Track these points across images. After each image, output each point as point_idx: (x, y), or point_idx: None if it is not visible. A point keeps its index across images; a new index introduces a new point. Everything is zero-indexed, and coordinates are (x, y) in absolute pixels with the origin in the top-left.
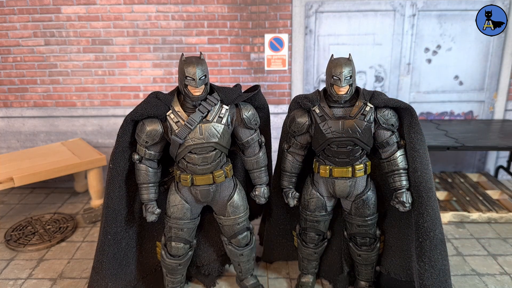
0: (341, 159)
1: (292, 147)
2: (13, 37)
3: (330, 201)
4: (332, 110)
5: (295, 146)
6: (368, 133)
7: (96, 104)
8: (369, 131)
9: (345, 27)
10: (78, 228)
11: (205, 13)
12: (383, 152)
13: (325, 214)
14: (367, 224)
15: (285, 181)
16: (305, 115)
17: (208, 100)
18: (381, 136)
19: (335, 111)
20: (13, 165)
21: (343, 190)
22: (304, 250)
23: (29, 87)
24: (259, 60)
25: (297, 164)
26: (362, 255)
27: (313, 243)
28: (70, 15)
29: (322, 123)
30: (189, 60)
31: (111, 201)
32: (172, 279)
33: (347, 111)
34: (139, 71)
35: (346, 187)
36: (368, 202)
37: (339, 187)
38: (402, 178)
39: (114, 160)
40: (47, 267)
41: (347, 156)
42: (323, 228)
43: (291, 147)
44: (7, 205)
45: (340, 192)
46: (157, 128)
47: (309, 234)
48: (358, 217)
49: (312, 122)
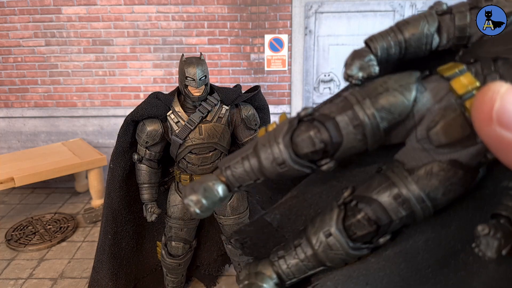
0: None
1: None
2: (13, 37)
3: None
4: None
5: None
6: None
7: (96, 104)
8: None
9: (344, 27)
10: (79, 228)
11: (205, 14)
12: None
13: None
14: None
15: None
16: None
17: (208, 101)
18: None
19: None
20: (14, 165)
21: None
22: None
23: (30, 87)
24: (259, 60)
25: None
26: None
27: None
28: (70, 16)
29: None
30: (189, 60)
31: (111, 201)
32: (172, 278)
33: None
34: (140, 72)
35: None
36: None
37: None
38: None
39: (114, 160)
40: (47, 267)
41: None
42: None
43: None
44: (7, 205)
45: None
46: (157, 128)
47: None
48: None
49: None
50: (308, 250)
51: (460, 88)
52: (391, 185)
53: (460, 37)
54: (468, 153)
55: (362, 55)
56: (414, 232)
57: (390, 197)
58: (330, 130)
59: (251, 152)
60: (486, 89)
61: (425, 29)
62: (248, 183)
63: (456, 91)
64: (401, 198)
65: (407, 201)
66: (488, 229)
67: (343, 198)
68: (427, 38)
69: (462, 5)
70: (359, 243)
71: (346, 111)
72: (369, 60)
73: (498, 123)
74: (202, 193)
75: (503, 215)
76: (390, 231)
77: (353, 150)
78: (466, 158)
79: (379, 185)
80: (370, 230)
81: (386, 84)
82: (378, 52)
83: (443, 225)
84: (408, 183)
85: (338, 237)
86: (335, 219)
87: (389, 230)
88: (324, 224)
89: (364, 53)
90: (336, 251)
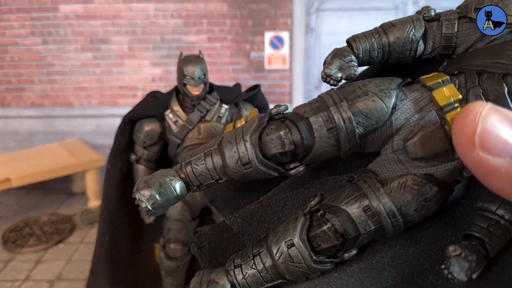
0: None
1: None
2: (10, 36)
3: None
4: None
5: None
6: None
7: (93, 103)
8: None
9: (346, 25)
10: (76, 230)
11: (204, 11)
12: None
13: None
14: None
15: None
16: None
17: (207, 100)
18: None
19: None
20: (10, 165)
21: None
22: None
23: (27, 86)
24: (259, 59)
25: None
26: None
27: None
28: (68, 14)
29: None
30: (188, 59)
31: (108, 202)
32: (171, 281)
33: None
34: (138, 70)
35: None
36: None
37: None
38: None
39: (111, 160)
40: (44, 268)
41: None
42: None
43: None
44: (4, 206)
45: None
46: (155, 128)
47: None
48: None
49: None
50: (268, 260)
51: (441, 99)
52: (362, 196)
53: (445, 46)
54: (444, 169)
55: (343, 55)
56: (382, 247)
57: (360, 208)
58: (302, 132)
59: (215, 149)
60: (468, 111)
61: (411, 34)
62: (209, 182)
63: (437, 102)
64: (371, 210)
65: (377, 214)
66: (460, 250)
67: (310, 207)
68: (412, 44)
69: (451, 13)
70: (323, 256)
71: (321, 112)
72: (350, 60)
73: (480, 147)
74: (157, 188)
75: (476, 236)
76: (357, 245)
77: (324, 155)
78: (442, 174)
79: (349, 196)
80: (336, 243)
81: (365, 87)
82: (360, 53)
83: (412, 241)
84: (380, 195)
85: (301, 248)
86: (299, 228)
87: (355, 244)
88: (287, 234)
89: (345, 53)
90: (297, 264)
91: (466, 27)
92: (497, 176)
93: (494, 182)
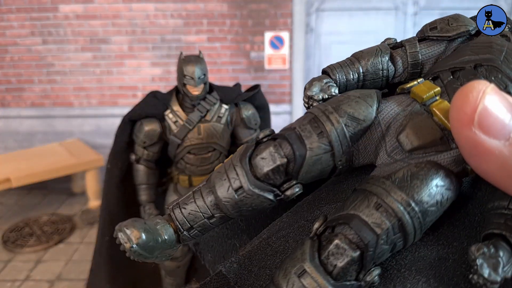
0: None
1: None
2: (10, 36)
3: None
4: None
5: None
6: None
7: (93, 103)
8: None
9: (346, 25)
10: (76, 230)
11: (204, 11)
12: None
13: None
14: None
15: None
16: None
17: (207, 100)
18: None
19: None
20: (10, 165)
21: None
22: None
23: (27, 86)
24: (259, 59)
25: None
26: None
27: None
28: (68, 14)
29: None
30: (188, 59)
31: (108, 202)
32: (171, 281)
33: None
34: (137, 70)
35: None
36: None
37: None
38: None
39: (111, 160)
40: (44, 268)
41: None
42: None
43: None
44: (4, 206)
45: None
46: (155, 128)
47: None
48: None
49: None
50: None
51: (422, 91)
52: (369, 194)
53: (413, 64)
54: (444, 158)
55: (321, 79)
56: (409, 272)
57: (370, 207)
58: (292, 141)
59: (203, 185)
60: (470, 87)
61: (379, 55)
62: (199, 222)
63: (419, 95)
64: (382, 206)
65: (390, 208)
66: (484, 247)
67: (315, 230)
68: (383, 65)
69: (411, 38)
70: (342, 280)
71: (308, 120)
72: (328, 82)
73: (478, 126)
74: (142, 226)
75: (495, 233)
76: (378, 258)
77: (319, 165)
78: (443, 162)
79: (354, 200)
80: (353, 256)
81: (346, 94)
82: (337, 78)
83: (440, 259)
84: (387, 187)
85: (315, 273)
86: (308, 252)
87: (376, 255)
88: (295, 261)
89: (323, 78)
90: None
91: (427, 45)
92: (488, 158)
93: (484, 165)
